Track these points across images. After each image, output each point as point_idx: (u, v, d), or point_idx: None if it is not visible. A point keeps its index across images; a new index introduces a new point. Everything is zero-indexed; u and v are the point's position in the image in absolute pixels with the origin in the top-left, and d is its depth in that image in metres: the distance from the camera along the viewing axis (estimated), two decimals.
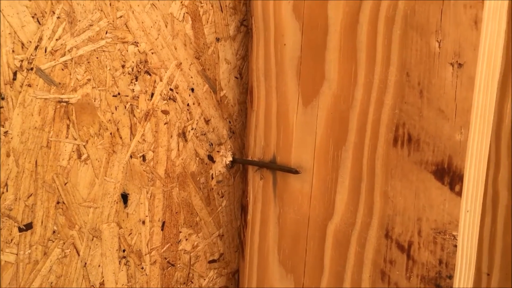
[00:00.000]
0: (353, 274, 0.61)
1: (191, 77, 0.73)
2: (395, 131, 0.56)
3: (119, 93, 0.65)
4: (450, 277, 0.54)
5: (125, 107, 0.66)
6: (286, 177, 0.69)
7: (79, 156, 0.62)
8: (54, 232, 0.61)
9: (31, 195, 0.59)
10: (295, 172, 0.67)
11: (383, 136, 0.57)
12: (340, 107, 0.62)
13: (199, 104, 0.75)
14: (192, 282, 0.79)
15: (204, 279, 0.81)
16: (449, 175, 0.53)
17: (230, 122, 0.80)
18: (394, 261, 0.57)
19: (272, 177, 0.72)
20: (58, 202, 0.61)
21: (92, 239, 0.65)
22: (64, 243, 0.62)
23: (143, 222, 0.70)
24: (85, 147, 0.63)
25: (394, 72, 0.56)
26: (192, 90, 0.73)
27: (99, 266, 0.67)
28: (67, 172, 0.61)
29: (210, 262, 0.81)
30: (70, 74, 0.60)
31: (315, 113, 0.65)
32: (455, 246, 0.53)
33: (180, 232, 0.76)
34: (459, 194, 0.53)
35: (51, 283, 0.62)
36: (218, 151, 0.79)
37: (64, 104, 0.60)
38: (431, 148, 0.54)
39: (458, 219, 0.53)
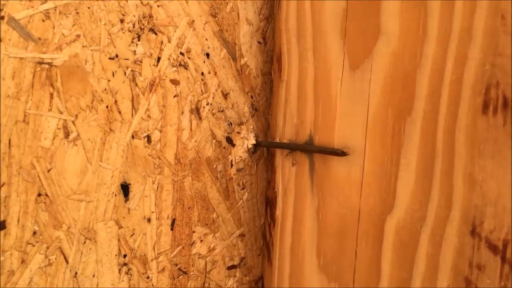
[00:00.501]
0: (423, 282, 0.48)
1: (206, 39, 0.60)
2: (485, 93, 0.43)
3: (117, 55, 0.52)
4: None
5: (125, 73, 0.53)
6: (328, 161, 0.56)
7: (67, 135, 0.49)
8: (34, 233, 0.48)
9: (3, 184, 0.45)
10: (341, 153, 0.53)
11: (467, 101, 0.44)
12: (403, 67, 0.49)
13: (215, 73, 0.61)
14: None
15: None
16: None
17: (252, 97, 0.67)
18: (484, 266, 0.44)
19: (309, 162, 0.59)
20: (39, 195, 0.48)
21: (85, 242, 0.52)
22: (48, 248, 0.49)
23: (149, 220, 0.57)
24: (74, 124, 0.49)
25: (483, 16, 0.43)
26: (207, 55, 0.60)
27: (93, 276, 0.53)
28: (50, 156, 0.48)
29: (229, 268, 0.68)
30: (54, 28, 0.47)
31: (367, 78, 0.52)
32: None
33: (194, 232, 0.62)
34: None
35: None
36: (238, 132, 0.66)
37: (46, 66, 0.47)
38: None
39: None
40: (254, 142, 0.66)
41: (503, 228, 0.43)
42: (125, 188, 0.55)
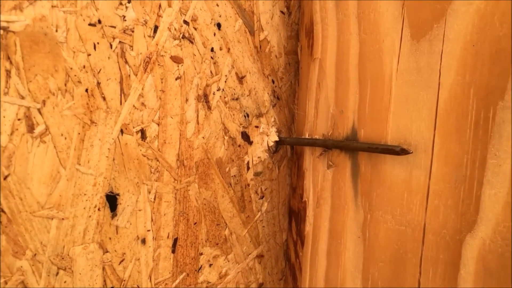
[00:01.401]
0: None
1: (217, 5, 0.48)
2: None
3: (99, 21, 0.40)
4: None
5: (111, 46, 0.41)
6: (378, 161, 0.44)
7: (31, 129, 0.37)
8: None
9: None
10: (401, 152, 0.41)
11: None
12: (492, 31, 0.37)
13: (228, 50, 0.49)
14: None
15: None
16: None
17: (273, 82, 0.54)
18: None
19: (351, 164, 0.47)
20: None
21: (57, 273, 0.40)
22: (6, 283, 0.37)
23: (143, 241, 0.45)
24: (40, 113, 0.37)
25: None
26: (219, 26, 0.48)
27: None
28: (8, 157, 0.36)
29: None
30: None
31: (437, 50, 0.40)
32: None
33: (201, 254, 0.50)
34: None
35: None
36: (256, 126, 0.53)
37: (1, 32, 0.35)
38: None
39: None
40: (276, 138, 0.54)
41: None
42: (112, 200, 0.43)
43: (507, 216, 0.37)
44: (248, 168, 0.53)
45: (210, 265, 0.52)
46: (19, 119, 0.36)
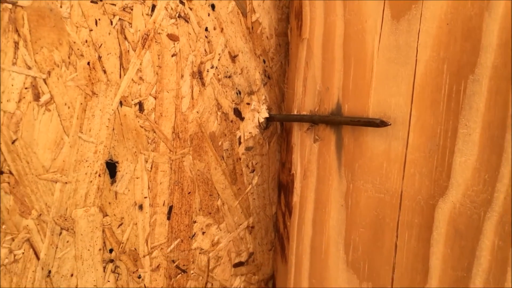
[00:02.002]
0: (487, 283, 0.39)
1: None
2: None
3: None
4: None
5: (111, 22, 0.43)
6: (360, 134, 0.47)
7: (37, 97, 0.39)
8: None
9: None
10: (380, 124, 0.44)
11: None
12: (464, 10, 0.39)
13: (222, 30, 0.52)
14: None
15: None
16: None
17: (264, 62, 0.57)
18: None
19: (336, 137, 0.50)
20: (1, 172, 0.38)
21: (60, 233, 0.43)
22: (13, 240, 0.40)
23: (140, 207, 0.48)
24: (46, 83, 0.40)
25: None
26: (213, 7, 0.51)
27: (71, 275, 0.44)
28: (15, 123, 0.39)
29: (235, 265, 0.59)
30: None
31: (414, 29, 0.43)
32: None
33: (195, 222, 0.53)
34: None
35: None
36: (248, 104, 0.56)
37: (10, 6, 0.37)
38: None
39: None
40: (266, 115, 0.57)
41: None
42: (111, 167, 0.46)
43: (475, 181, 0.40)
44: (240, 143, 0.56)
45: (203, 233, 0.55)
46: (26, 88, 0.39)
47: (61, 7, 0.40)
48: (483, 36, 0.39)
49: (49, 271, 0.43)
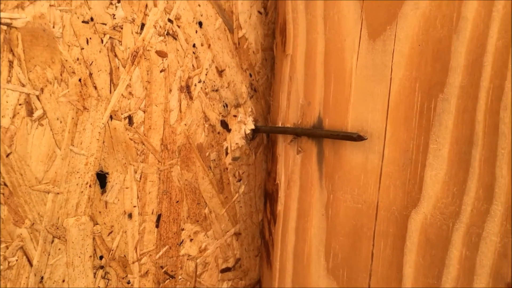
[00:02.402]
0: None
1: (199, 5, 0.52)
2: None
3: (92, 19, 0.45)
4: None
5: (102, 41, 0.45)
6: (340, 147, 0.49)
7: (30, 113, 0.42)
8: None
9: None
10: (358, 138, 0.46)
11: None
12: (435, 33, 0.42)
13: (209, 46, 0.54)
14: None
15: None
16: None
17: (251, 76, 0.59)
18: None
19: (317, 149, 0.52)
20: None
21: (52, 241, 0.45)
22: (7, 248, 0.42)
23: (130, 216, 0.50)
24: (39, 99, 0.42)
25: None
26: (200, 24, 0.53)
27: (63, 281, 0.46)
28: (10, 137, 0.41)
29: (222, 271, 0.61)
30: None
31: (389, 49, 0.45)
32: None
33: (183, 229, 0.55)
34: None
35: None
36: (234, 116, 0.58)
37: (5, 28, 0.39)
38: None
39: None
40: (252, 127, 0.59)
41: None
42: (102, 178, 0.48)
43: (445, 194, 0.42)
44: (227, 153, 0.59)
45: (191, 240, 0.57)
46: (20, 104, 0.41)
47: (53, 27, 0.42)
48: (451, 57, 0.41)
49: (42, 277, 0.45)
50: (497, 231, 0.39)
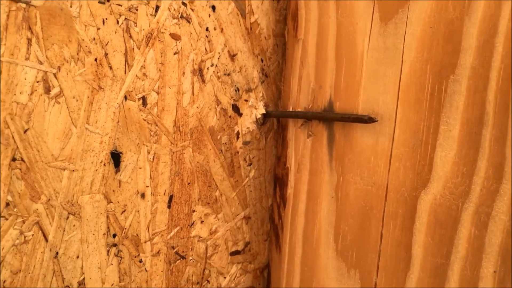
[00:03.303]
0: (464, 269, 0.42)
1: None
2: None
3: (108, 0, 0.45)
4: None
5: (118, 22, 0.46)
6: (350, 130, 0.49)
7: (47, 90, 0.42)
8: (8, 204, 0.41)
9: None
10: (368, 120, 0.47)
11: None
12: (446, 15, 0.42)
13: (222, 30, 0.54)
14: (208, 282, 0.59)
15: (224, 277, 0.61)
16: None
17: (262, 61, 0.60)
18: None
19: (327, 133, 0.52)
20: (14, 159, 0.41)
21: (68, 217, 0.45)
22: (24, 222, 0.42)
23: (143, 195, 0.50)
24: (56, 77, 0.42)
25: None
26: (213, 8, 0.53)
27: (77, 257, 0.46)
28: (28, 113, 0.41)
29: (232, 253, 0.61)
30: None
31: (401, 31, 0.45)
32: None
33: (194, 211, 0.56)
34: None
35: (4, 281, 0.42)
36: (246, 100, 0.59)
37: (24, 6, 0.40)
38: None
39: None
40: (263, 111, 0.59)
41: None
42: (116, 157, 0.48)
43: (455, 174, 0.42)
44: (238, 137, 0.59)
45: (202, 221, 0.57)
46: (37, 82, 0.42)
47: (71, 6, 0.43)
48: (463, 38, 0.41)
49: (57, 253, 0.45)
50: (506, 210, 0.39)
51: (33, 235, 0.43)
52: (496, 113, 0.39)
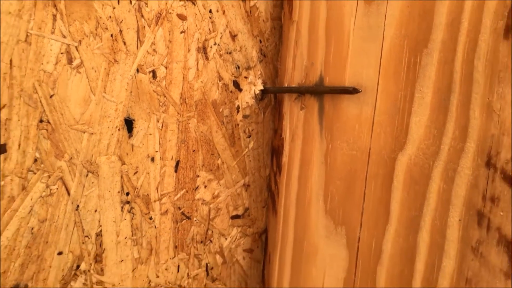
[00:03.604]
0: (434, 219, 0.47)
1: None
2: (508, 16, 0.42)
3: None
4: None
5: (131, 2, 0.51)
6: (338, 102, 0.55)
7: (70, 61, 0.48)
8: (36, 160, 0.47)
9: (4, 106, 0.44)
10: (353, 91, 0.52)
11: (489, 26, 0.43)
12: None
13: (224, 12, 0.60)
14: (211, 242, 0.65)
15: (226, 238, 0.67)
16: None
17: (261, 42, 0.65)
18: (498, 198, 0.43)
19: (318, 105, 0.57)
20: (41, 121, 0.47)
21: (87, 175, 0.51)
22: (49, 177, 0.48)
23: (152, 159, 0.56)
24: (77, 50, 0.48)
25: None
26: None
27: (95, 211, 0.52)
28: (53, 81, 0.47)
29: (233, 217, 0.67)
30: None
31: (382, 11, 0.50)
32: None
33: (198, 176, 0.61)
34: None
35: (32, 228, 0.48)
36: (245, 77, 0.64)
37: None
38: None
39: None
40: (261, 87, 0.65)
41: None
42: (129, 124, 0.54)
43: (427, 137, 0.48)
44: (238, 111, 0.65)
45: (205, 186, 0.63)
46: (61, 53, 0.47)
47: None
48: (435, 16, 0.46)
49: (78, 206, 0.51)
50: (469, 166, 0.45)
51: (57, 189, 0.49)
52: (462, 82, 0.45)
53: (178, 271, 0.62)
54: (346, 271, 0.55)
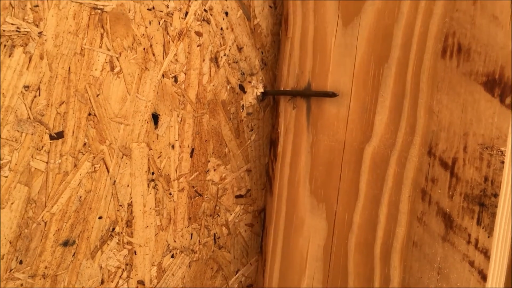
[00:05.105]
0: (390, 196, 0.59)
1: (226, 0, 0.71)
2: (444, 41, 0.54)
3: (153, 7, 0.64)
4: (495, 195, 0.52)
5: (159, 22, 0.64)
6: (321, 103, 0.67)
7: (112, 68, 0.61)
8: (84, 144, 0.60)
9: (63, 102, 0.57)
10: (332, 95, 0.64)
11: (431, 48, 0.55)
12: (384, 22, 0.59)
13: (232, 29, 0.73)
14: (218, 216, 0.78)
15: (231, 214, 0.80)
16: (500, 87, 0.50)
17: (262, 53, 0.78)
18: (437, 179, 0.55)
19: (306, 105, 0.70)
20: (89, 114, 0.60)
21: (122, 157, 0.64)
22: (94, 157, 0.61)
23: (173, 146, 0.69)
24: (118, 60, 0.61)
25: None
26: (226, 14, 0.71)
27: (128, 186, 0.65)
28: (99, 84, 0.60)
29: (237, 197, 0.80)
30: None
31: (355, 33, 0.63)
32: (502, 162, 0.51)
33: (209, 161, 0.74)
34: (510, 106, 0.50)
35: (80, 197, 0.61)
36: (249, 82, 0.77)
37: (99, 11, 0.59)
38: (482, 58, 0.51)
39: (507, 134, 0.51)
40: (262, 90, 0.78)
41: (453, 148, 0.54)
42: (155, 118, 0.67)
43: (386, 131, 0.60)
44: (243, 109, 0.77)
45: (215, 170, 0.76)
46: (106, 62, 0.61)
47: (129, 12, 0.61)
48: (393, 39, 0.58)
49: (114, 181, 0.64)
50: (416, 154, 0.57)
51: (99, 167, 0.63)
52: (412, 89, 0.57)
53: (191, 238, 0.75)
54: (325, 239, 0.68)
